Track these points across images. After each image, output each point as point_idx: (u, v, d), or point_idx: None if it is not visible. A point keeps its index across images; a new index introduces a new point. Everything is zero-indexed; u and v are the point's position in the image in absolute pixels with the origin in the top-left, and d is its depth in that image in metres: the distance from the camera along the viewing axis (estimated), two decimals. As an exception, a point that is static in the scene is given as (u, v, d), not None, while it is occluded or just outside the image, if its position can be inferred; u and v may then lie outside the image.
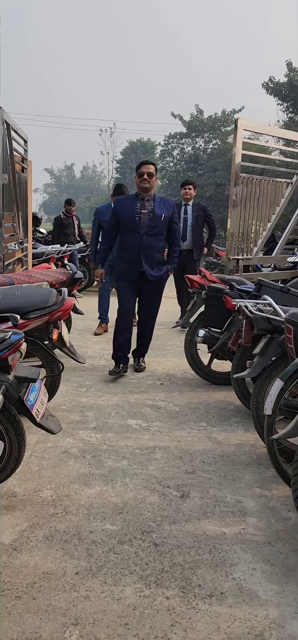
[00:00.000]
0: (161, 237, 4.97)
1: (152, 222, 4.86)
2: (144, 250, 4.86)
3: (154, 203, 4.92)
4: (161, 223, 4.89)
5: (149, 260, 4.89)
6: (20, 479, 3.08)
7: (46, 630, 1.97)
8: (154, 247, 4.90)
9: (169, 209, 5.00)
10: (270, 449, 2.96)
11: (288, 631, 2.02)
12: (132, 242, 4.88)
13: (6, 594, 2.16)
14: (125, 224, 4.91)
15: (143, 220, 4.84)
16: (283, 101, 30.07)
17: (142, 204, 4.89)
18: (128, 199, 5.15)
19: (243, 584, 2.29)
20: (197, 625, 2.03)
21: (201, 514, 2.82)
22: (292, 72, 28.90)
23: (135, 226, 4.84)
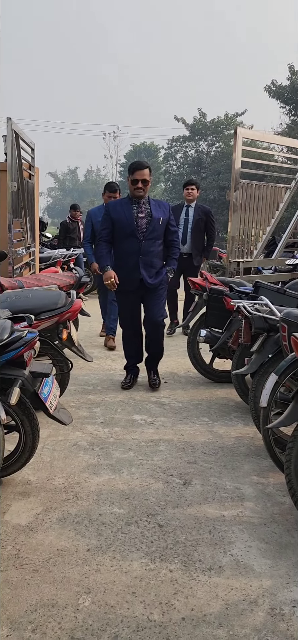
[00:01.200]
0: (159, 242, 4.70)
1: (150, 226, 4.57)
2: (142, 257, 4.58)
3: (150, 206, 4.64)
4: (159, 226, 4.63)
5: (147, 267, 4.61)
6: (34, 468, 3.31)
7: (62, 598, 2.20)
8: (153, 252, 4.63)
9: (165, 211, 4.72)
10: (265, 438, 3.18)
11: (280, 598, 2.24)
12: (129, 249, 4.58)
13: (25, 567, 2.38)
14: (122, 229, 4.58)
15: (141, 225, 4.55)
16: (286, 104, 30.31)
17: (138, 207, 4.58)
18: (122, 202, 4.75)
19: (240, 559, 2.51)
20: (197, 594, 2.26)
21: (202, 499, 3.05)
22: (294, 75, 29.11)
23: (133, 231, 4.53)
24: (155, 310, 4.78)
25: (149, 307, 4.81)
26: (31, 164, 7.79)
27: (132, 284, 4.64)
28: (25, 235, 7.38)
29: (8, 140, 6.06)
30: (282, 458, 3.01)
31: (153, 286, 4.67)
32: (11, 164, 6.10)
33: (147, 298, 4.77)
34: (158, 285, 4.73)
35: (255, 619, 2.12)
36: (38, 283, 5.08)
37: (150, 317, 4.80)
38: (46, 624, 2.05)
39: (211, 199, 31.23)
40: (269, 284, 4.43)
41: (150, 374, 5.05)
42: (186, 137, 37.49)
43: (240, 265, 6.66)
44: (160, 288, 4.79)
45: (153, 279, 4.66)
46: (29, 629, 2.03)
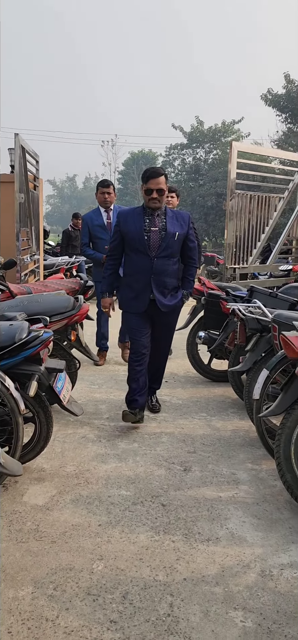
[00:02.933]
0: (174, 260, 4.13)
1: (163, 242, 3.99)
2: (154, 276, 4.03)
3: (166, 218, 4.05)
4: (175, 242, 4.04)
5: (160, 287, 4.07)
6: (47, 458, 3.62)
7: (78, 563, 2.51)
8: (166, 271, 4.06)
9: (183, 224, 4.12)
10: (258, 427, 3.50)
11: (269, 563, 2.56)
12: (140, 267, 4.05)
13: (44, 539, 2.69)
14: (132, 244, 4.06)
15: (153, 240, 3.98)
16: (282, 112, 30.69)
17: (152, 220, 4.00)
18: (134, 213, 4.15)
19: (235, 532, 2.82)
20: (196, 560, 2.57)
21: (201, 483, 3.36)
22: (289, 84, 29.53)
23: (144, 247, 3.97)
24: (163, 342, 4.39)
25: (156, 337, 4.29)
26: (36, 175, 8.12)
27: (142, 305, 4.11)
28: (31, 243, 7.71)
29: (15, 155, 6.38)
30: (273, 445, 3.33)
31: (168, 309, 4.14)
32: (18, 177, 6.42)
33: (158, 322, 4.23)
34: (173, 309, 4.21)
35: (248, 579, 2.44)
36: (45, 289, 5.39)
37: (157, 348, 4.34)
38: (65, 584, 2.36)
39: (209, 205, 31.60)
40: (262, 288, 4.76)
41: (150, 399, 4.64)
42: (184, 144, 37.87)
43: (236, 271, 6.99)
44: (174, 314, 4.31)
45: (167, 300, 4.13)
46: (51, 588, 2.33)
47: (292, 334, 3.17)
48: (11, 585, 2.34)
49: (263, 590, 2.36)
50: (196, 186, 34.50)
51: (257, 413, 3.49)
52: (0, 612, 2.18)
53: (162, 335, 4.35)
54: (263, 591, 2.36)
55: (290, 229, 8.09)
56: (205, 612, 2.22)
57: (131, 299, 4.16)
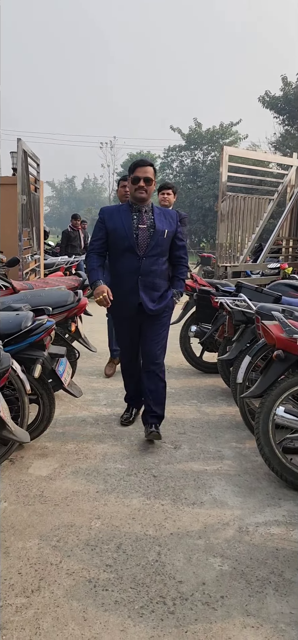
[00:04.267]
0: (163, 259, 3.85)
1: (152, 240, 3.72)
2: (142, 277, 3.75)
3: (153, 215, 3.79)
4: (164, 240, 3.78)
5: (147, 290, 3.79)
6: (49, 437, 3.96)
7: (78, 521, 2.86)
8: (155, 272, 3.79)
9: (172, 222, 3.86)
10: (241, 408, 3.87)
11: (246, 522, 2.91)
12: (126, 267, 3.77)
13: (47, 503, 3.04)
14: (119, 243, 3.75)
15: (141, 238, 3.70)
16: (279, 114, 31.05)
17: (139, 217, 3.74)
18: (120, 210, 3.84)
19: (218, 497, 3.17)
20: (182, 519, 2.92)
21: (189, 458, 3.71)
22: (287, 87, 29.91)
23: (132, 246, 3.70)
24: (154, 344, 3.93)
25: (147, 339, 3.94)
26: (37, 177, 8.47)
27: (130, 308, 3.84)
28: (32, 243, 8.07)
29: (18, 158, 6.73)
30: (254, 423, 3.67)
31: (154, 312, 3.83)
32: (21, 179, 6.77)
33: (146, 326, 3.92)
34: (162, 312, 3.89)
35: (227, 534, 2.79)
36: (46, 285, 5.74)
37: (147, 351, 3.97)
38: (67, 537, 2.71)
39: (207, 207, 31.99)
40: (249, 284, 5.11)
41: (149, 425, 3.96)
42: (182, 146, 38.25)
43: (227, 269, 7.34)
44: (164, 315, 3.94)
45: (155, 305, 3.83)
46: (55, 540, 2.68)
47: (271, 323, 3.53)
48: (20, 538, 2.69)
49: (240, 543, 2.71)
50: (194, 188, 34.89)
51: (240, 394, 3.84)
52: (11, 558, 2.53)
53: (154, 336, 3.93)
54: (239, 543, 2.71)
55: (280, 229, 8.46)
56: (188, 558, 2.57)
57: (118, 303, 3.83)
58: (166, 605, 2.24)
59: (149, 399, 3.97)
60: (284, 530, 2.84)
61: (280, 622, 2.16)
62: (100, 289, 3.74)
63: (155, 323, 3.92)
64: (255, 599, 2.29)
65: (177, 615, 2.18)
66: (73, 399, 4.83)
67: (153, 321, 3.90)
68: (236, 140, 36.59)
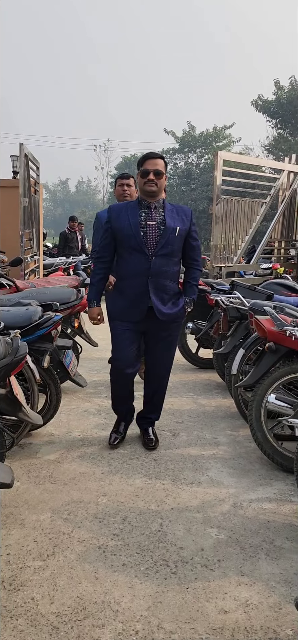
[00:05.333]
0: (175, 259, 3.59)
1: (163, 238, 3.45)
2: (152, 279, 3.48)
3: (164, 211, 3.53)
4: (175, 239, 3.50)
5: (159, 292, 3.52)
6: (55, 426, 4.21)
7: (86, 498, 3.10)
8: (166, 273, 3.53)
9: (185, 219, 3.58)
10: (235, 397, 4.13)
11: (241, 498, 3.17)
12: (135, 268, 3.50)
13: (57, 482, 3.29)
14: (126, 241, 3.50)
15: (150, 236, 3.45)
16: (272, 118, 31.43)
17: (148, 213, 3.49)
18: (127, 206, 3.59)
19: (214, 478, 3.43)
20: (182, 496, 3.17)
21: (187, 444, 3.97)
22: (279, 91, 30.29)
23: (140, 244, 3.43)
24: (162, 361, 3.77)
25: (155, 353, 3.74)
26: (37, 180, 8.72)
27: (137, 314, 3.56)
28: (32, 244, 8.31)
29: (20, 162, 6.97)
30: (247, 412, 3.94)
31: (168, 318, 3.57)
32: (23, 183, 7.02)
33: (155, 335, 3.67)
34: (174, 319, 3.64)
35: (223, 508, 3.05)
36: (48, 284, 5.99)
37: (155, 364, 3.79)
38: (77, 511, 2.96)
39: (201, 209, 32.28)
40: (243, 282, 5.38)
41: (146, 432, 3.95)
42: (176, 149, 38.55)
43: (222, 270, 7.62)
44: (175, 325, 3.71)
45: (167, 308, 3.56)
46: (65, 513, 2.93)
47: (264, 317, 3.80)
48: (33, 512, 2.94)
49: (235, 516, 2.97)
50: (188, 190, 35.19)
51: (234, 385, 4.10)
52: (27, 528, 2.77)
53: (163, 353, 3.74)
54: (234, 516, 2.97)
55: (272, 231, 8.75)
56: (187, 529, 2.82)
57: (123, 307, 3.59)
58: (169, 567, 2.49)
59: (148, 405, 3.95)
60: (275, 506, 3.10)
61: (271, 580, 2.42)
62: (92, 312, 3.68)
63: (165, 333, 3.65)
64: (249, 562, 2.55)
65: (179, 575, 2.43)
66: (76, 392, 5.09)
67: (162, 332, 3.63)
68: (229, 144, 36.96)
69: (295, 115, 30.03)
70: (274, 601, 2.28)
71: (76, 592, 2.29)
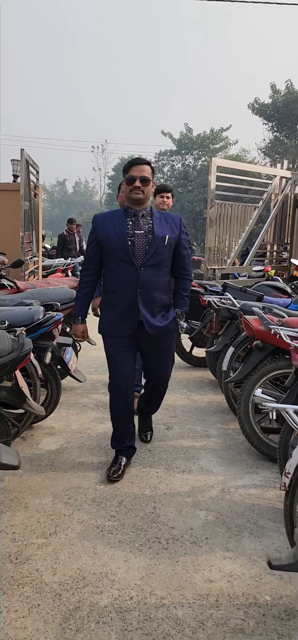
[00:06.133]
0: (165, 270, 3.40)
1: (151, 248, 3.28)
2: (141, 290, 3.30)
3: (152, 219, 3.34)
4: (164, 248, 3.33)
5: (148, 305, 3.34)
6: (55, 419, 4.44)
7: (85, 484, 3.34)
8: (156, 284, 3.35)
9: (174, 227, 3.41)
10: (225, 392, 4.38)
11: (228, 485, 3.41)
12: (123, 280, 3.31)
13: (58, 470, 3.52)
14: (112, 252, 3.31)
15: (138, 246, 3.27)
16: (268, 121, 31.74)
17: (136, 221, 3.30)
18: (113, 215, 3.41)
19: (204, 467, 3.68)
20: (174, 482, 3.42)
21: (180, 437, 4.21)
22: (275, 94, 30.62)
23: (128, 254, 3.26)
24: (160, 370, 3.65)
25: (153, 364, 3.62)
26: (36, 184, 8.96)
27: (129, 327, 3.38)
28: (32, 246, 8.54)
29: (21, 167, 7.21)
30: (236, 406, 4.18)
31: (157, 331, 3.39)
32: (24, 187, 7.25)
33: (150, 350, 3.53)
34: (164, 331, 3.45)
35: (211, 494, 3.29)
36: (48, 286, 6.22)
37: (153, 375, 3.71)
38: (76, 495, 3.20)
39: (197, 210, 32.55)
40: (234, 284, 5.63)
41: (144, 436, 4.07)
42: (173, 151, 38.84)
43: (216, 272, 7.87)
44: (168, 337, 3.56)
45: (158, 321, 3.40)
46: (66, 498, 3.17)
47: (252, 317, 4.04)
48: (36, 497, 3.18)
49: (222, 500, 3.22)
50: (185, 192, 35.44)
51: (224, 380, 4.35)
52: (30, 510, 3.01)
53: (158, 364, 3.62)
54: (222, 500, 3.21)
55: (265, 234, 9.02)
56: (179, 511, 3.07)
57: (113, 321, 3.40)
58: (161, 544, 2.73)
59: (145, 417, 4.12)
60: (260, 491, 3.35)
61: (254, 555, 2.66)
62: (77, 328, 3.58)
63: (159, 348, 3.51)
64: (234, 540, 2.80)
65: (170, 551, 2.68)
66: (75, 388, 5.33)
67: (155, 346, 3.48)
68: (226, 146, 37.27)
69: (291, 119, 30.37)
70: (255, 572, 2.52)
71: (76, 565, 2.53)
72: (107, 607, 2.26)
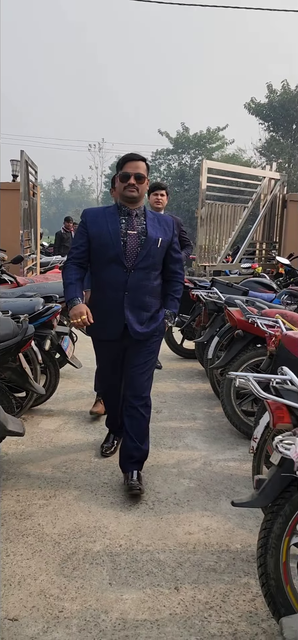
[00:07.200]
0: (155, 273, 3.25)
1: (143, 250, 3.13)
2: (128, 294, 3.15)
3: (146, 220, 3.20)
4: (157, 251, 3.18)
5: (135, 309, 3.18)
6: (53, 403, 4.81)
7: (80, 457, 3.72)
8: (145, 287, 3.19)
9: (167, 230, 3.26)
10: (210, 378, 4.76)
11: (210, 458, 3.79)
12: (111, 281, 3.16)
13: (56, 447, 3.90)
14: (103, 251, 3.15)
15: (130, 247, 3.12)
16: (265, 121, 32.05)
17: (129, 221, 3.16)
18: (105, 212, 3.24)
19: (189, 444, 4.05)
20: (161, 456, 3.80)
21: (168, 419, 4.59)
22: (271, 94, 30.95)
23: (119, 255, 3.10)
24: (139, 375, 3.31)
25: (132, 367, 3.32)
26: (35, 183, 9.31)
27: (114, 331, 3.23)
28: (31, 244, 8.91)
29: (21, 168, 7.57)
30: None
31: (142, 337, 3.23)
32: (23, 186, 7.61)
33: (131, 352, 3.31)
34: (150, 336, 3.28)
35: (194, 465, 3.67)
36: (46, 281, 6.58)
37: (130, 383, 3.35)
38: (73, 466, 3.57)
39: (194, 209, 32.89)
40: (222, 280, 6.01)
41: (132, 476, 3.29)
42: (169, 150, 39.15)
43: (206, 269, 8.26)
44: (153, 341, 3.34)
45: (143, 327, 3.22)
46: (64, 468, 3.54)
47: (234, 309, 4.42)
48: (37, 467, 3.55)
49: (204, 470, 3.60)
50: (181, 191, 35.79)
51: (209, 366, 4.74)
52: (32, 478, 3.38)
53: (139, 365, 3.30)
54: (203, 471, 3.59)
55: (254, 233, 9.41)
56: (164, 479, 3.44)
57: (100, 323, 3.20)
58: (147, 505, 3.11)
59: (128, 439, 3.33)
60: (238, 464, 3.73)
61: (229, 514, 3.04)
62: (78, 309, 3.11)
63: (142, 350, 3.28)
64: (212, 502, 3.18)
65: (155, 510, 3.05)
66: (71, 377, 5.70)
67: (139, 347, 3.27)
68: (223, 145, 37.60)
69: (287, 119, 30.73)
70: (229, 527, 2.90)
71: (73, 521, 2.91)
72: (100, 552, 2.63)
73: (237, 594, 2.38)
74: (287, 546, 1.99)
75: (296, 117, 30.18)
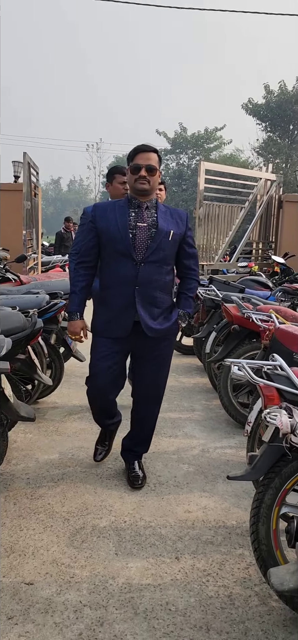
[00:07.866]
0: (167, 268, 3.11)
1: (154, 242, 2.99)
2: (139, 288, 3.01)
3: (157, 212, 3.06)
4: (168, 244, 3.04)
5: (147, 304, 3.05)
6: (58, 396, 5.02)
7: (86, 445, 3.93)
8: (156, 282, 3.05)
9: (180, 223, 3.12)
10: (208, 371, 4.98)
11: (208, 446, 4.02)
12: (120, 275, 3.04)
13: (62, 435, 4.11)
14: (111, 244, 3.03)
15: (140, 239, 2.98)
16: (262, 121, 32.30)
17: (139, 213, 3.02)
18: (115, 205, 3.10)
19: (188, 433, 4.28)
20: (161, 444, 4.02)
21: (168, 410, 4.81)
22: (269, 95, 31.18)
23: (128, 248, 2.97)
24: (152, 382, 3.28)
25: (145, 373, 3.26)
26: (36, 184, 9.53)
27: (123, 328, 3.09)
28: (32, 243, 9.12)
29: (24, 169, 7.78)
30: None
31: (155, 334, 3.08)
32: (26, 188, 7.82)
33: (144, 354, 3.20)
34: (163, 337, 3.15)
35: (193, 452, 3.89)
36: (49, 279, 6.80)
37: (143, 387, 3.33)
38: (79, 453, 3.79)
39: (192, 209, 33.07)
40: (219, 278, 6.23)
41: (132, 466, 3.44)
42: (167, 150, 39.36)
43: (204, 268, 8.48)
44: (165, 344, 3.23)
45: (157, 324, 3.08)
46: (70, 454, 3.76)
47: (231, 305, 4.64)
48: (45, 454, 3.77)
49: (202, 457, 3.82)
50: (179, 191, 36.02)
51: (207, 360, 4.96)
52: (41, 464, 3.60)
53: (151, 374, 3.25)
54: (201, 457, 3.82)
55: (251, 233, 9.65)
56: (165, 465, 3.66)
57: (107, 320, 3.12)
58: (149, 487, 3.33)
59: (134, 435, 3.49)
60: (234, 451, 3.96)
61: (225, 495, 3.26)
62: (75, 325, 3.22)
63: (154, 352, 3.16)
64: (210, 484, 3.40)
65: (157, 491, 3.28)
66: (75, 371, 5.91)
67: (151, 348, 3.14)
68: (220, 145, 37.83)
69: (284, 119, 30.97)
70: (226, 506, 3.13)
71: (81, 500, 3.13)
72: (106, 527, 2.85)
73: (232, 563, 2.60)
74: (277, 515, 2.21)
75: (293, 118, 30.41)
